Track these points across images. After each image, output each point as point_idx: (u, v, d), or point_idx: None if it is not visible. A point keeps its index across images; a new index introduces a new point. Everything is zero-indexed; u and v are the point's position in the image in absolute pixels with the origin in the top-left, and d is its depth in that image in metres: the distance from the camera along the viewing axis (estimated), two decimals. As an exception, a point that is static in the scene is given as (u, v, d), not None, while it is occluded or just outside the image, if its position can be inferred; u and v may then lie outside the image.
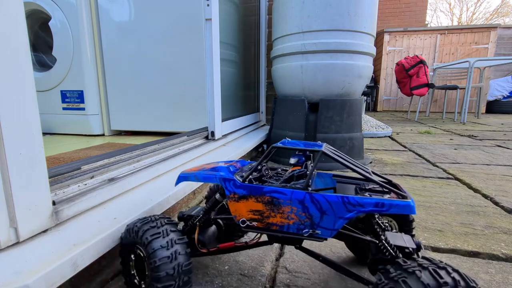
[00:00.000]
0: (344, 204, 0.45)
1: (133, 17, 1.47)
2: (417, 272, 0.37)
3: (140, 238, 0.50)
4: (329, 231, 0.47)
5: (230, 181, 0.52)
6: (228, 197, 0.52)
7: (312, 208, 0.47)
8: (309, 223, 0.48)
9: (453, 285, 0.35)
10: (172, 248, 0.49)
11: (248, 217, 0.51)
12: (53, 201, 0.55)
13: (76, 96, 1.64)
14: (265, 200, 0.49)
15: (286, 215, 0.49)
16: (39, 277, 0.40)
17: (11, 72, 0.44)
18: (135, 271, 0.54)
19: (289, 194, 0.48)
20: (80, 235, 0.52)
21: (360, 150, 1.56)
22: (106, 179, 0.70)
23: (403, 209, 0.44)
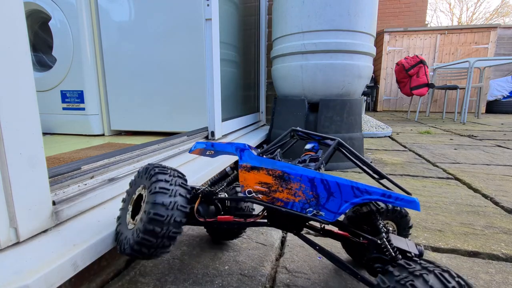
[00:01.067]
0: (353, 189, 0.46)
1: (133, 17, 1.47)
2: (424, 275, 0.36)
3: (149, 176, 0.52)
4: (333, 214, 0.48)
5: (245, 151, 0.53)
6: (240, 166, 0.52)
7: (320, 187, 0.48)
8: (314, 203, 0.48)
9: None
10: (174, 186, 0.50)
11: (255, 188, 0.51)
12: (53, 201, 0.55)
13: (76, 96, 1.64)
14: (276, 174, 0.50)
15: (293, 192, 0.49)
16: (39, 277, 0.40)
17: (11, 72, 0.44)
18: (131, 209, 0.55)
19: (300, 172, 0.49)
20: (80, 235, 0.52)
21: (360, 150, 1.56)
22: (106, 179, 0.70)
23: (409, 204, 0.44)
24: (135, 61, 1.51)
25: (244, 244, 0.73)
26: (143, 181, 0.54)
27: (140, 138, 1.57)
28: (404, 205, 0.45)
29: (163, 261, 0.65)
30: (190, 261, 0.65)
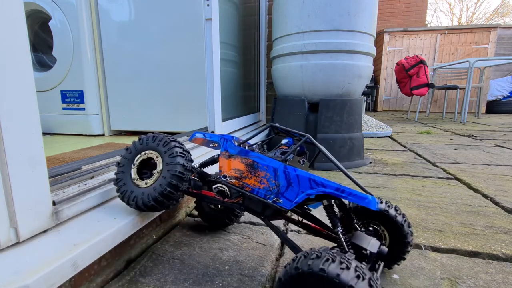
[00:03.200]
0: (310, 181, 0.50)
1: (133, 17, 1.47)
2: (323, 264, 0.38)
3: (163, 143, 0.62)
4: (290, 202, 0.53)
5: (227, 141, 0.61)
6: (221, 153, 0.61)
7: (282, 177, 0.53)
8: (275, 191, 0.54)
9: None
10: (187, 153, 0.63)
11: (230, 173, 0.59)
12: (53, 201, 0.55)
13: (76, 96, 1.64)
14: (248, 162, 0.57)
15: (259, 179, 0.56)
16: (39, 277, 0.40)
17: (11, 72, 0.44)
18: (136, 171, 0.63)
19: (267, 161, 0.55)
20: (80, 235, 0.52)
21: (360, 150, 1.56)
22: (107, 179, 0.70)
23: (361, 201, 0.47)
24: (135, 61, 1.51)
25: (244, 244, 0.73)
26: (153, 147, 0.63)
27: (140, 138, 1.57)
28: (356, 201, 0.47)
29: (163, 261, 0.65)
30: (190, 261, 0.65)
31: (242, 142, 0.62)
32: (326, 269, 0.37)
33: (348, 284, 0.36)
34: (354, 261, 0.39)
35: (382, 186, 1.17)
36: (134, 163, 0.63)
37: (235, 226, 0.83)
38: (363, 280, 0.37)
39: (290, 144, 0.67)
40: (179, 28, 1.39)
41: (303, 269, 0.39)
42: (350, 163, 1.49)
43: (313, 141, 0.56)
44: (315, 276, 0.38)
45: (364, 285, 0.37)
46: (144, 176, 0.63)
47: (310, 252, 0.41)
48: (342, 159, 1.48)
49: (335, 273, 0.37)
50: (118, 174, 0.64)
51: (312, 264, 0.39)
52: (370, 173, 1.37)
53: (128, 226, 0.59)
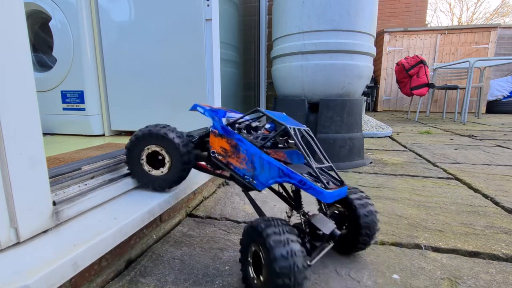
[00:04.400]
0: (279, 170, 0.58)
1: (133, 17, 1.47)
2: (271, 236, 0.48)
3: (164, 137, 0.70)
4: (262, 185, 0.61)
5: (218, 121, 0.68)
6: (211, 131, 0.68)
7: (257, 162, 0.61)
8: (251, 173, 0.62)
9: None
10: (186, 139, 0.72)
11: (218, 150, 0.67)
12: (54, 202, 0.55)
13: (76, 97, 1.64)
14: (232, 144, 0.64)
15: (240, 160, 0.63)
16: (39, 277, 0.40)
17: (11, 72, 0.44)
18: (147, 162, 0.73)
19: (248, 146, 0.61)
20: (80, 236, 0.52)
21: (360, 150, 1.56)
22: (107, 180, 0.70)
23: (318, 194, 0.55)
24: (135, 61, 1.51)
25: (245, 244, 0.72)
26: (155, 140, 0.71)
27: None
28: (313, 194, 0.55)
29: (164, 262, 0.65)
30: (190, 261, 0.65)
31: (232, 122, 0.68)
32: (263, 229, 0.49)
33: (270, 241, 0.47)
34: (289, 234, 0.48)
35: (382, 186, 1.17)
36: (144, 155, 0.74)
37: (235, 226, 0.83)
38: (283, 246, 0.46)
39: (272, 129, 0.74)
40: (180, 28, 1.39)
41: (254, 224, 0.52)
42: (351, 163, 1.49)
43: (289, 133, 0.61)
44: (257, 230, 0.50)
45: (280, 250, 0.46)
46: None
47: (265, 218, 0.52)
48: (342, 159, 1.48)
49: (267, 232, 0.48)
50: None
51: (258, 222, 0.51)
52: (370, 173, 1.37)
53: (128, 226, 0.59)
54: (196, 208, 0.96)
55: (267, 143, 0.63)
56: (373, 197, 1.05)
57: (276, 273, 0.45)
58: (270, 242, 0.47)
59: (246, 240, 0.54)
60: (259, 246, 0.50)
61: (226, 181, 1.23)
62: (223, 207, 0.97)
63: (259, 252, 0.51)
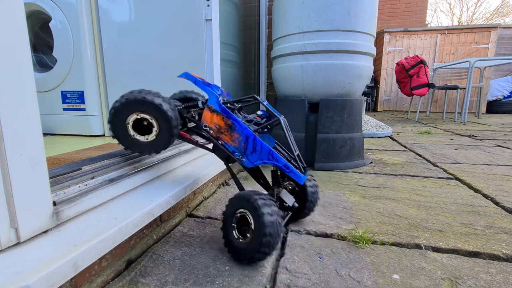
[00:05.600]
0: (269, 153, 0.68)
1: (133, 17, 1.47)
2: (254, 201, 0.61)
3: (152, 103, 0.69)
4: (250, 163, 0.70)
5: (215, 98, 0.72)
6: (207, 106, 0.73)
7: (250, 144, 0.69)
8: (242, 151, 0.70)
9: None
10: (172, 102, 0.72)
11: (210, 125, 0.73)
12: (54, 202, 0.55)
13: (76, 97, 1.64)
14: (228, 123, 0.71)
15: (233, 138, 0.71)
16: (39, 278, 0.40)
17: (11, 73, 0.44)
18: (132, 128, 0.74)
19: (244, 128, 0.69)
20: (80, 236, 0.52)
21: (361, 150, 1.56)
22: (107, 180, 0.70)
23: (296, 177, 0.68)
24: (135, 62, 1.51)
25: (245, 245, 0.72)
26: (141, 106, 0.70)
27: (141, 138, 1.57)
28: (292, 176, 0.68)
29: (164, 262, 0.65)
30: (190, 261, 0.65)
31: (228, 102, 0.74)
32: (250, 196, 0.62)
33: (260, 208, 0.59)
34: (270, 200, 0.62)
35: (382, 186, 1.17)
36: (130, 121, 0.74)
37: (236, 226, 0.83)
38: (270, 215, 0.59)
39: (263, 116, 0.81)
40: (180, 29, 1.39)
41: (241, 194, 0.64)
42: (351, 163, 1.49)
43: (282, 126, 0.71)
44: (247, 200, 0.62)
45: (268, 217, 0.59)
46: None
47: (255, 191, 0.64)
48: (342, 159, 1.48)
49: (254, 198, 0.61)
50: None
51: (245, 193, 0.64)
52: (370, 173, 1.37)
53: (128, 227, 0.59)
54: (196, 208, 0.96)
55: (260, 129, 0.74)
56: (373, 197, 1.05)
57: (265, 225, 0.58)
58: (258, 203, 0.60)
59: (232, 208, 0.65)
60: (247, 210, 0.62)
61: (226, 181, 1.23)
62: (223, 207, 0.97)
63: (246, 215, 0.62)
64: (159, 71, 1.48)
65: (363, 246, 0.72)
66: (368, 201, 1.02)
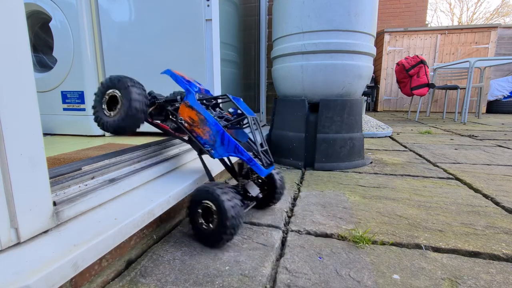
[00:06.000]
0: (235, 148, 0.75)
1: (133, 17, 1.47)
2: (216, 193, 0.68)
3: (123, 83, 0.77)
4: (218, 155, 0.78)
5: (191, 94, 0.80)
6: (183, 101, 0.81)
7: (219, 137, 0.76)
8: (212, 144, 0.78)
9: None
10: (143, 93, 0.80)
11: (185, 118, 0.81)
12: (54, 202, 0.55)
13: (76, 97, 1.64)
14: (201, 117, 0.78)
15: (205, 132, 0.78)
16: (39, 278, 0.40)
17: (11, 73, 0.44)
18: (106, 106, 0.81)
19: (214, 123, 0.76)
20: (80, 236, 0.52)
21: (361, 150, 1.56)
22: (107, 180, 0.70)
23: (258, 171, 0.76)
24: (135, 62, 1.51)
25: (245, 245, 0.73)
26: (117, 86, 0.78)
27: (141, 138, 1.57)
28: (255, 170, 0.76)
29: (164, 262, 0.65)
30: (190, 262, 0.65)
31: (204, 98, 0.82)
32: (214, 190, 0.68)
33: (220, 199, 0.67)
34: (233, 192, 0.70)
35: (382, 186, 1.17)
36: (105, 98, 0.81)
37: (236, 226, 0.83)
38: (229, 200, 0.67)
39: (234, 113, 0.86)
40: (180, 29, 1.39)
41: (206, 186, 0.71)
42: (351, 163, 1.49)
43: (248, 122, 0.78)
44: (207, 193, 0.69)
45: (227, 203, 0.67)
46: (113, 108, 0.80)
47: (215, 183, 0.72)
48: (342, 159, 1.48)
49: (218, 192, 0.68)
50: (95, 102, 0.82)
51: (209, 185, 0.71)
52: (370, 173, 1.37)
53: (128, 227, 0.59)
54: (196, 208, 0.96)
55: (229, 125, 0.80)
56: (373, 197, 1.05)
57: (226, 210, 0.66)
58: (218, 193, 0.67)
59: (198, 198, 0.71)
60: (208, 200, 0.69)
61: (226, 181, 1.23)
62: (223, 207, 0.97)
63: (208, 205, 0.69)
64: (159, 71, 1.48)
65: (363, 246, 0.72)
66: (368, 201, 1.02)
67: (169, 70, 0.86)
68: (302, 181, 1.26)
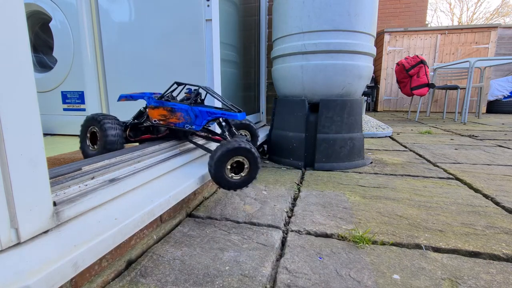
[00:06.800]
0: (207, 113, 0.87)
1: (133, 17, 1.47)
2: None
3: (98, 121, 0.91)
4: (199, 126, 0.89)
5: (150, 98, 0.95)
6: (148, 107, 0.94)
7: (191, 113, 0.88)
8: (189, 122, 0.89)
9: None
10: (116, 126, 0.93)
11: (157, 118, 0.93)
12: (54, 202, 0.55)
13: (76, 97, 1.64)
14: (168, 109, 0.90)
15: (178, 117, 0.90)
16: (40, 278, 0.40)
17: (11, 73, 0.44)
18: (89, 140, 0.96)
19: (181, 105, 0.89)
20: (81, 236, 0.52)
21: (361, 150, 1.56)
22: (107, 180, 0.70)
23: (234, 117, 0.86)
24: (135, 62, 1.51)
25: (245, 245, 0.73)
26: (94, 123, 0.93)
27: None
28: (231, 117, 0.86)
29: (164, 262, 0.65)
30: (191, 262, 0.65)
31: (160, 96, 0.94)
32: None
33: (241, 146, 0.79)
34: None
35: (382, 186, 1.17)
36: (87, 135, 0.96)
37: (236, 226, 0.83)
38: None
39: (190, 92, 0.96)
40: (180, 29, 1.39)
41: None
42: (351, 163, 1.49)
43: (207, 91, 0.91)
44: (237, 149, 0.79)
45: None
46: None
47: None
48: (342, 159, 1.48)
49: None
50: (80, 137, 0.97)
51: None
52: (370, 173, 1.37)
53: (128, 227, 0.59)
54: (196, 209, 0.96)
55: (192, 101, 0.92)
56: (373, 197, 1.05)
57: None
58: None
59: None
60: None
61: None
62: (223, 207, 0.97)
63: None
64: (159, 71, 1.48)
65: (363, 246, 0.72)
66: (368, 201, 1.02)
67: (121, 94, 1.03)
68: (302, 181, 1.26)
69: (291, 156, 1.55)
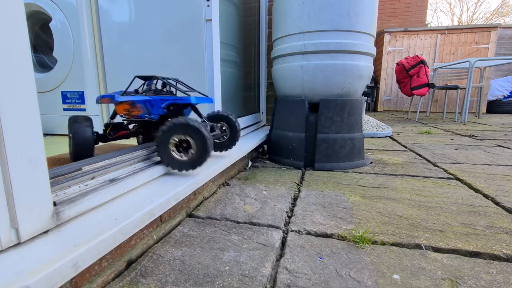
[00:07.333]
0: (160, 100, 0.93)
1: (133, 17, 1.47)
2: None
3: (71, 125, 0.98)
4: (157, 115, 0.94)
5: (115, 96, 0.98)
6: (115, 103, 0.97)
7: (148, 104, 0.94)
8: (148, 112, 0.95)
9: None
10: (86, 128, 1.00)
11: (123, 112, 0.97)
12: (54, 202, 0.55)
13: (76, 97, 1.64)
14: (130, 103, 0.95)
15: (138, 109, 0.95)
16: (40, 278, 0.40)
17: (11, 73, 0.44)
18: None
19: (139, 98, 0.94)
20: (81, 236, 0.52)
21: (361, 150, 1.56)
22: (107, 180, 0.70)
23: (186, 101, 0.91)
24: (135, 62, 1.51)
25: (245, 245, 0.73)
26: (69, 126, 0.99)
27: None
28: (184, 102, 0.91)
29: (164, 262, 0.65)
30: (191, 262, 0.65)
31: (123, 92, 1.00)
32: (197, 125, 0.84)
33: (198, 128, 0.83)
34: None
35: (382, 186, 1.17)
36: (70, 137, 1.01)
37: (236, 226, 0.83)
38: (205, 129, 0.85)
39: (149, 84, 1.01)
40: (180, 29, 1.39)
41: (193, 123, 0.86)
42: (351, 163, 1.49)
43: (163, 80, 0.99)
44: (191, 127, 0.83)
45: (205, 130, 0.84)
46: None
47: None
48: (342, 159, 1.48)
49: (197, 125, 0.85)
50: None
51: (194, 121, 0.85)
52: (370, 173, 1.37)
53: (129, 227, 0.59)
54: (196, 209, 0.96)
55: (149, 93, 0.98)
56: (373, 197, 1.05)
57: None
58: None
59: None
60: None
61: (227, 182, 1.23)
62: (223, 207, 0.97)
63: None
64: (159, 71, 1.48)
65: (363, 246, 0.72)
66: (368, 201, 1.02)
67: (98, 96, 1.07)
68: (302, 181, 1.26)
69: (291, 156, 1.55)
